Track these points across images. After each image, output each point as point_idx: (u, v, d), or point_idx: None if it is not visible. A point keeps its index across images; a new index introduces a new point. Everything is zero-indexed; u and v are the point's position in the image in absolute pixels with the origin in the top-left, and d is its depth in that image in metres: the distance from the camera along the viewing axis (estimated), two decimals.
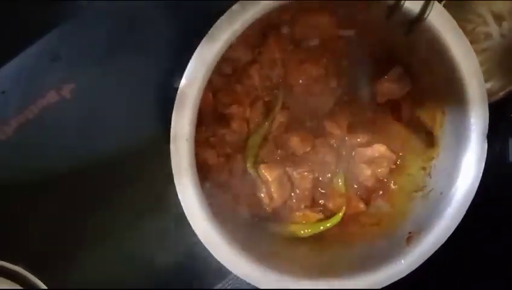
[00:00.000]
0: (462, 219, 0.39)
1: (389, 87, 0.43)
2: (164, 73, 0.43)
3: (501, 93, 0.48)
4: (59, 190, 0.44)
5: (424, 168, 0.43)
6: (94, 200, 0.44)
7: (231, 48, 0.35)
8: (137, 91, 0.44)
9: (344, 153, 0.45)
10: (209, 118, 0.42)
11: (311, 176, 0.44)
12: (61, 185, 0.44)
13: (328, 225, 0.44)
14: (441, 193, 0.40)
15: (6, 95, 0.42)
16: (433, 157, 0.42)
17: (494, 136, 0.38)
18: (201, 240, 0.35)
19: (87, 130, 0.44)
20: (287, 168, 0.44)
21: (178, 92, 0.34)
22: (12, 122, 0.42)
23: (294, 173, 0.44)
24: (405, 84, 0.43)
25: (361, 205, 0.44)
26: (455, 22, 0.37)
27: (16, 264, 0.41)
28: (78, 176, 0.44)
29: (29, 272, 0.42)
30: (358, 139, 0.45)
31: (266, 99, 0.43)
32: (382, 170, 0.45)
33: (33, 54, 0.42)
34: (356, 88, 0.45)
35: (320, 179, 0.45)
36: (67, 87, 0.43)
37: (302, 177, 0.44)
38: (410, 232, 0.40)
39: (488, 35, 0.51)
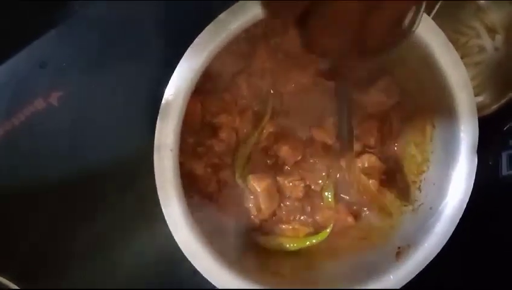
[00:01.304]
0: (453, 234, 0.38)
1: (378, 97, 0.43)
2: (154, 81, 0.42)
3: (494, 107, 0.47)
4: (46, 198, 0.43)
5: (414, 182, 0.43)
6: (82, 210, 0.44)
7: (218, 57, 0.34)
8: (126, 100, 0.43)
9: (334, 163, 0.45)
10: (196, 127, 0.41)
11: (302, 185, 0.43)
12: (48, 193, 0.43)
13: (317, 239, 0.43)
14: (431, 208, 0.39)
15: None
16: (423, 171, 0.42)
17: (486, 150, 0.38)
18: (184, 252, 0.34)
19: (74, 139, 0.43)
20: (278, 178, 0.43)
21: (162, 101, 0.33)
22: None
23: (286, 181, 0.43)
24: (394, 94, 0.43)
25: (350, 219, 0.44)
26: (444, 34, 0.37)
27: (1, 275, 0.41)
28: (66, 185, 0.43)
29: (15, 283, 0.41)
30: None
31: (255, 109, 0.43)
32: (372, 181, 0.45)
33: (21, 61, 0.42)
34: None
35: (312, 187, 0.44)
36: (55, 95, 0.43)
37: (294, 186, 0.43)
38: (399, 247, 0.39)
39: (481, 49, 0.50)
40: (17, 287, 0.41)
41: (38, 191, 0.43)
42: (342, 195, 0.45)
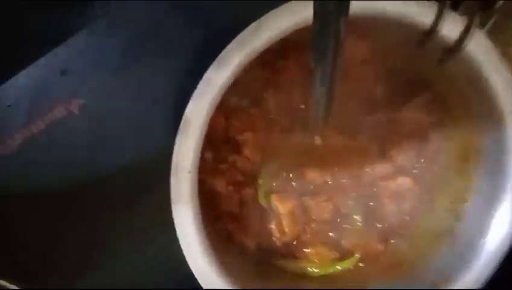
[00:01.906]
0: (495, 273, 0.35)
1: (416, 114, 0.40)
2: (177, 89, 0.41)
3: None
4: (62, 207, 0.42)
5: (452, 211, 0.39)
6: (99, 219, 0.43)
7: (245, 70, 0.32)
8: (148, 108, 0.42)
9: (366, 185, 0.42)
10: (220, 142, 0.39)
11: (330, 206, 0.41)
12: (64, 203, 0.42)
13: (343, 266, 0.40)
14: (471, 242, 0.36)
15: (12, 109, 0.41)
16: (465, 200, 0.38)
17: None
18: (199, 280, 0.32)
19: (94, 148, 0.42)
20: (303, 198, 0.40)
21: (183, 117, 0.31)
22: (17, 136, 0.41)
23: (312, 202, 0.40)
24: (434, 112, 0.39)
25: (379, 246, 0.41)
26: (496, 51, 0.33)
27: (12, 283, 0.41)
28: (83, 194, 0.42)
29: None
30: (381, 170, 0.41)
31: (283, 125, 0.40)
32: (407, 206, 0.42)
33: (41, 67, 0.41)
34: (380, 115, 0.41)
35: (341, 209, 0.41)
36: (75, 102, 0.42)
37: (321, 207, 0.40)
38: (433, 281, 0.36)
39: None
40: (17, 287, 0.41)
41: (57, 199, 0.42)
42: (373, 219, 0.42)
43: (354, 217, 0.41)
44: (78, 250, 0.43)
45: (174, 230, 0.37)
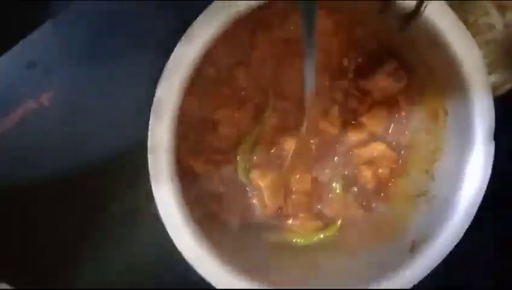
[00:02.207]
0: (470, 225, 0.36)
1: (385, 81, 0.40)
2: (148, 75, 0.41)
3: (506, 87, 0.45)
4: (41, 201, 0.42)
5: (427, 171, 0.40)
6: (78, 210, 0.42)
7: (213, 47, 0.32)
8: (119, 97, 0.42)
9: (341, 154, 0.42)
10: (195, 123, 0.39)
11: (309, 177, 0.41)
12: (43, 195, 0.42)
13: (326, 234, 0.41)
14: (446, 199, 0.37)
15: None
16: (436, 159, 0.40)
17: (500, 133, 0.36)
18: (184, 255, 0.32)
19: (68, 138, 0.42)
20: (283, 171, 0.41)
21: (155, 97, 0.31)
22: None
23: (291, 174, 0.41)
24: (402, 78, 0.41)
25: (360, 212, 0.42)
26: (455, 14, 0.34)
27: None
28: (62, 185, 0.42)
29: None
30: (354, 138, 0.42)
31: (256, 101, 0.41)
32: (383, 171, 0.43)
33: (7, 62, 0.40)
34: (349, 84, 0.42)
35: (319, 179, 0.42)
36: (45, 95, 0.41)
37: (300, 178, 0.41)
38: (413, 241, 0.37)
39: (491, 27, 0.47)
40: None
41: (34, 192, 0.42)
42: (351, 185, 0.43)
43: (333, 185, 0.42)
44: (57, 246, 0.42)
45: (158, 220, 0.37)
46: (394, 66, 0.41)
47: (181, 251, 0.32)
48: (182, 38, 0.30)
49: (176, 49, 0.30)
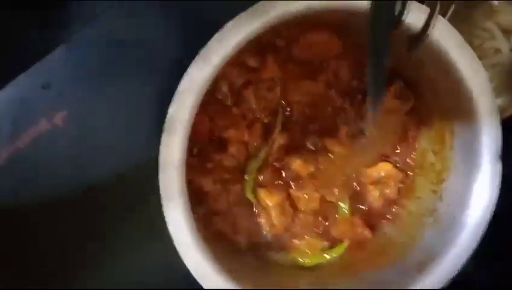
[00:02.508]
0: (478, 245, 0.36)
1: (391, 103, 0.41)
2: (159, 98, 0.42)
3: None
4: (51, 220, 0.42)
5: (434, 191, 0.41)
6: (88, 230, 0.43)
7: (224, 68, 0.33)
8: (131, 116, 0.42)
9: (348, 173, 0.43)
10: (205, 142, 0.40)
11: (318, 195, 0.41)
12: (54, 215, 0.42)
13: (332, 255, 0.41)
14: (454, 218, 0.37)
15: None
16: (443, 179, 0.40)
17: (506, 154, 0.36)
18: (194, 275, 0.32)
19: (80, 158, 0.42)
20: (291, 191, 0.41)
21: (167, 117, 0.32)
22: (2, 152, 0.41)
23: (300, 194, 0.41)
24: (408, 99, 0.41)
25: (367, 232, 0.42)
26: (460, 36, 0.35)
27: None
28: (72, 205, 0.42)
29: None
30: (362, 158, 0.42)
31: (265, 121, 0.41)
32: (390, 191, 0.43)
33: (23, 83, 0.41)
34: (357, 105, 0.43)
35: (327, 198, 0.42)
36: (59, 115, 0.42)
37: (309, 197, 0.41)
38: (421, 261, 0.37)
39: (496, 50, 0.48)
40: None
41: (45, 212, 0.42)
42: (358, 205, 0.43)
43: (341, 205, 0.42)
44: (69, 262, 0.43)
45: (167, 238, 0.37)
46: (400, 86, 0.42)
47: (189, 267, 0.32)
48: (196, 59, 0.31)
49: (189, 70, 0.31)
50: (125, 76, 0.43)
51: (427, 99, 0.41)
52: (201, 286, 0.33)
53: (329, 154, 0.42)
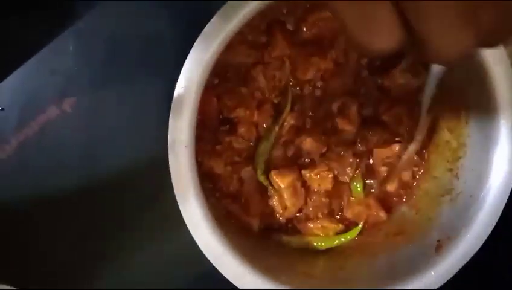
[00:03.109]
0: (497, 223, 0.35)
1: (403, 78, 0.40)
2: (168, 83, 0.41)
3: None
4: (61, 208, 0.42)
5: (450, 170, 0.39)
6: (98, 219, 0.43)
7: (230, 47, 0.32)
8: (138, 102, 0.42)
9: (362, 153, 0.42)
10: (214, 124, 0.39)
11: (331, 175, 0.40)
12: (63, 202, 0.42)
13: (347, 237, 0.41)
14: (471, 196, 0.36)
15: (6, 112, 0.41)
16: (460, 157, 0.39)
17: None
18: (206, 254, 0.32)
19: (89, 145, 0.42)
20: (303, 172, 0.40)
21: (174, 95, 0.31)
22: (12, 139, 0.41)
23: (312, 174, 0.40)
24: (419, 73, 0.40)
25: (382, 214, 0.41)
26: None
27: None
28: (81, 193, 0.42)
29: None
30: (375, 138, 0.41)
31: (275, 101, 0.41)
32: (404, 173, 0.42)
33: (31, 69, 0.41)
34: (368, 83, 0.41)
35: (340, 178, 0.41)
36: (67, 101, 0.42)
37: (322, 177, 0.40)
38: (438, 240, 0.36)
39: None
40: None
41: (55, 200, 0.42)
42: (370, 184, 0.42)
43: (355, 184, 0.41)
44: (79, 251, 0.43)
45: (181, 225, 0.37)
46: (410, 61, 0.40)
47: (202, 249, 0.32)
48: (199, 37, 0.31)
49: (193, 48, 0.31)
50: (134, 61, 0.42)
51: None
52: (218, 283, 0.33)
53: (341, 134, 0.41)
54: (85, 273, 0.43)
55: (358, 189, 0.41)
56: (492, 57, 0.34)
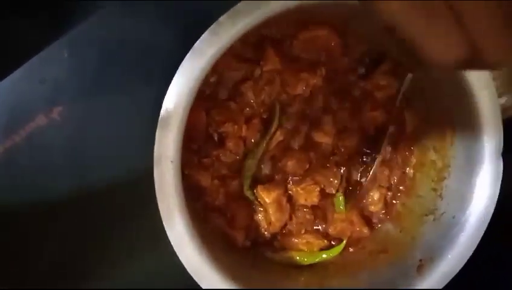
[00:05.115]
0: (479, 245, 0.35)
1: (384, 79, 0.41)
2: (156, 95, 0.41)
3: None
4: (49, 215, 0.42)
5: (435, 189, 0.40)
6: (84, 226, 0.42)
7: (220, 62, 0.33)
8: (128, 113, 0.42)
9: (342, 163, 0.42)
10: (201, 137, 0.39)
11: (317, 189, 0.41)
12: (51, 210, 0.42)
13: (330, 254, 0.41)
14: (454, 217, 0.36)
15: None
16: (444, 177, 0.39)
17: (509, 153, 0.35)
18: (189, 272, 0.32)
19: (76, 153, 0.42)
20: (289, 186, 0.41)
21: (162, 110, 0.31)
22: None
23: (299, 189, 0.41)
24: (400, 75, 0.40)
25: (365, 230, 0.41)
26: None
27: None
28: (70, 201, 0.42)
29: None
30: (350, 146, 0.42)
31: (264, 117, 0.41)
32: (388, 193, 0.43)
33: (20, 77, 0.41)
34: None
35: (327, 190, 0.41)
36: (56, 110, 0.42)
37: (308, 191, 0.41)
38: (421, 260, 0.37)
39: None
40: None
41: (41, 208, 0.42)
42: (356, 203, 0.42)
43: (337, 200, 0.41)
44: (67, 257, 0.42)
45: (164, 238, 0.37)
46: (391, 64, 0.41)
47: (184, 263, 0.32)
48: (190, 51, 0.31)
49: (183, 62, 0.31)
50: (124, 70, 0.42)
51: (428, 96, 0.41)
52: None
53: (319, 147, 0.41)
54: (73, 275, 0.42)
55: (341, 207, 0.41)
56: (478, 81, 0.34)
